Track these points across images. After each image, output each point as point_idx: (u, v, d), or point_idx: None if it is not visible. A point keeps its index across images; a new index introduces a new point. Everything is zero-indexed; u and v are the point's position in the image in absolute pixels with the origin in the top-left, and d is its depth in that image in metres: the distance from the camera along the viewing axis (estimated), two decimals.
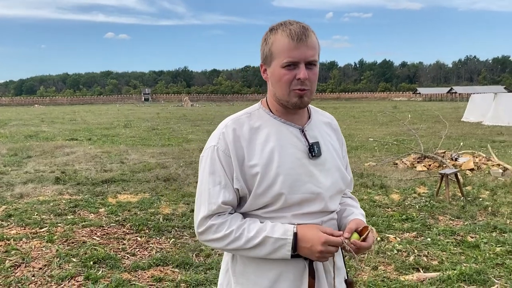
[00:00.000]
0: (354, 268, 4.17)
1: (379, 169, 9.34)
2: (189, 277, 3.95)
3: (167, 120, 28.81)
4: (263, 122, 1.50)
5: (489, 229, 5.29)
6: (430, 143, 11.79)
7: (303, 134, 1.50)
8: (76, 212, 6.10)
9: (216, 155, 1.44)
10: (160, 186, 7.75)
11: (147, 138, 16.90)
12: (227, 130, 1.46)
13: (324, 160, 1.51)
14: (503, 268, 4.15)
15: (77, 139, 16.34)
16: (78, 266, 4.21)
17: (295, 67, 1.40)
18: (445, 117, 21.46)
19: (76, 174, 8.84)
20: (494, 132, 17.59)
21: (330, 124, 1.66)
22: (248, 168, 1.42)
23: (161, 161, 10.64)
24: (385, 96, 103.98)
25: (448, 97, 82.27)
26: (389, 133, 17.69)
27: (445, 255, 4.50)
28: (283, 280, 1.45)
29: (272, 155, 1.43)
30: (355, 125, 22.41)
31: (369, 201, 6.64)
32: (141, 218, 5.78)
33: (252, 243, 1.40)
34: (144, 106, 69.42)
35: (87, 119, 30.66)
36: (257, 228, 1.41)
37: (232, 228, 1.41)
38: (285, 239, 1.38)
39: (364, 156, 11.32)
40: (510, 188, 7.34)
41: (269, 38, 1.44)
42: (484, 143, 13.29)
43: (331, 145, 1.58)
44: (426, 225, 5.50)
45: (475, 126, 20.43)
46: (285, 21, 1.44)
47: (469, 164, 9.12)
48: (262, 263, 1.46)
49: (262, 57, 1.48)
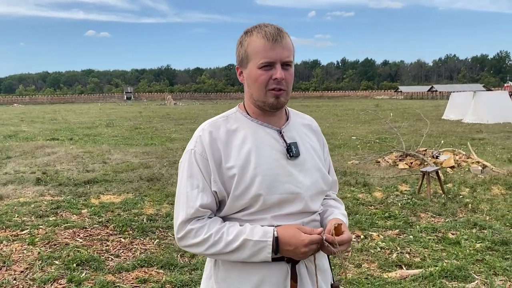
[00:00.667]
0: (338, 266, 4.21)
1: (362, 167, 9.44)
2: (174, 278, 3.94)
3: (150, 119, 28.57)
4: (240, 124, 1.50)
5: (469, 225, 5.40)
6: (412, 141, 11.96)
7: (280, 135, 1.50)
8: (58, 214, 6.02)
9: (194, 159, 1.44)
10: (143, 186, 7.70)
11: (129, 138, 16.74)
12: (203, 133, 1.47)
13: (303, 160, 1.51)
14: (483, 264, 4.24)
15: (58, 139, 16.09)
16: (60, 269, 4.15)
17: (271, 67, 1.41)
18: (426, 115, 21.79)
19: (58, 175, 8.71)
20: (474, 130, 17.93)
21: (310, 126, 1.66)
22: (225, 170, 1.42)
23: (144, 160, 10.56)
24: (367, 95, 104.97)
25: (429, 95, 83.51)
26: (371, 131, 17.88)
27: (427, 252, 4.58)
28: (266, 284, 1.44)
29: (249, 156, 1.43)
30: (338, 124, 22.57)
31: (353, 199, 6.71)
32: (124, 219, 5.73)
33: (231, 247, 1.39)
34: (127, 105, 68.72)
35: (68, 119, 30.21)
36: (236, 231, 1.40)
37: (210, 232, 1.40)
38: (265, 241, 1.37)
39: (347, 155, 11.42)
40: (489, 185, 7.50)
41: (245, 41, 1.45)
42: (464, 140, 13.53)
43: (310, 146, 1.58)
44: (408, 222, 5.59)
45: (455, 124, 20.78)
46: (260, 24, 1.46)
47: (449, 161, 9.29)
48: (245, 268, 1.45)
49: (238, 59, 1.49)
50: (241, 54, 1.46)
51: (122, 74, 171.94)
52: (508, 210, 6.02)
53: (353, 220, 5.63)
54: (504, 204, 6.36)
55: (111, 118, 29.55)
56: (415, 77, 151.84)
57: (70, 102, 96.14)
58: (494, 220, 5.63)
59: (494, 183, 7.62)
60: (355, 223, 5.51)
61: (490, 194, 6.94)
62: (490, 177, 8.06)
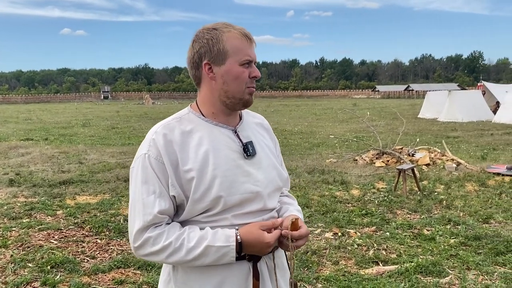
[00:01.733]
0: (316, 264, 4.24)
1: (339, 166, 9.53)
2: (151, 279, 3.90)
3: (127, 119, 28.23)
4: (195, 125, 1.46)
5: (444, 221, 5.51)
6: (388, 139, 12.12)
7: (236, 135, 1.50)
8: (32, 215, 5.88)
9: (148, 163, 1.38)
10: (120, 186, 7.59)
11: (106, 137, 16.51)
12: (157, 136, 1.41)
13: (260, 158, 1.51)
14: (457, 259, 4.33)
15: (33, 139, 15.74)
16: (34, 271, 4.06)
17: (249, 65, 1.44)
18: (402, 114, 22.16)
19: (32, 176, 8.52)
20: (449, 128, 18.30)
21: (262, 124, 1.67)
22: (183, 173, 1.38)
23: (121, 160, 10.42)
24: (345, 94, 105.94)
25: (405, 94, 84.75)
26: (349, 130, 18.07)
27: (403, 248, 4.65)
28: (227, 285, 1.42)
29: (206, 158, 1.40)
30: (316, 123, 22.74)
31: (330, 197, 6.77)
32: (101, 219, 5.64)
33: (193, 254, 1.35)
34: (104, 104, 67.69)
35: (43, 118, 29.57)
36: (197, 237, 1.36)
37: (170, 239, 1.36)
38: (228, 246, 1.36)
39: (326, 153, 11.51)
40: (463, 182, 7.67)
41: (221, 36, 1.42)
42: (439, 139, 13.80)
43: (264, 144, 1.58)
44: (385, 219, 5.66)
45: (430, 123, 21.18)
46: (225, 23, 1.46)
47: (425, 159, 9.47)
48: (205, 270, 1.42)
49: (208, 55, 1.43)
50: (215, 50, 1.42)
51: (99, 73, 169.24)
52: (481, 206, 6.17)
53: (330, 217, 5.68)
54: (477, 200, 6.51)
55: (88, 118, 29.08)
56: (392, 76, 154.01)
57: (46, 101, 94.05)
58: (468, 216, 5.76)
59: (467, 180, 7.80)
60: (332, 221, 5.56)
61: (464, 191, 7.09)
62: (464, 174, 8.24)
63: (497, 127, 17.99)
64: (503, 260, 4.26)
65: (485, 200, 6.52)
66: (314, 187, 7.41)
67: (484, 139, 14.32)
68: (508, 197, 6.65)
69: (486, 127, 18.36)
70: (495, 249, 4.50)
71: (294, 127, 20.23)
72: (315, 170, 8.87)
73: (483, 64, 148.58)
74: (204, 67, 1.45)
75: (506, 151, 11.35)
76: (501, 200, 6.49)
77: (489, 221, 5.54)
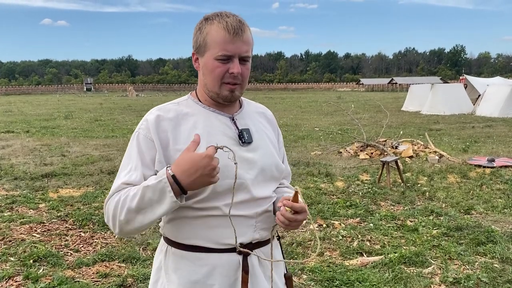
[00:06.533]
0: (301, 255, 4.27)
1: (324, 158, 9.58)
2: (136, 272, 3.88)
3: (111, 111, 27.88)
4: (192, 110, 1.48)
5: (426, 213, 5.60)
6: (372, 132, 12.23)
7: (233, 122, 1.49)
8: (14, 209, 5.79)
9: (136, 141, 1.43)
10: (104, 179, 7.51)
11: (89, 130, 16.29)
12: (150, 116, 1.45)
13: (256, 146, 1.50)
14: (439, 249, 4.41)
15: (14, 132, 15.45)
16: (16, 266, 4.01)
17: (228, 60, 1.39)
18: (386, 107, 22.34)
19: (13, 169, 8.37)
20: (431, 121, 18.53)
21: (265, 114, 1.65)
22: (174, 152, 1.39)
23: (105, 153, 10.31)
24: (330, 87, 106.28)
25: (389, 87, 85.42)
26: (334, 123, 18.16)
27: (387, 239, 4.71)
28: (216, 275, 1.42)
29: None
30: (301, 115, 22.79)
31: (315, 189, 6.80)
32: (84, 212, 5.58)
33: (135, 200, 1.30)
34: (87, 96, 66.71)
35: (24, 110, 29.02)
36: (138, 186, 1.34)
37: (119, 196, 1.35)
38: (160, 180, 1.27)
39: (311, 145, 11.56)
40: (445, 173, 7.79)
41: (204, 28, 1.42)
42: (422, 131, 13.97)
43: (264, 133, 1.57)
44: (369, 211, 5.72)
45: (414, 115, 21.41)
46: (221, 12, 1.42)
47: (408, 151, 9.58)
48: (196, 259, 1.43)
49: (195, 45, 1.46)
50: (199, 41, 1.43)
51: (82, 64, 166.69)
52: (463, 198, 6.28)
53: (315, 209, 5.71)
54: (459, 191, 6.63)
55: (70, 110, 28.63)
56: (376, 69, 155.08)
57: (27, 93, 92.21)
58: (450, 207, 5.86)
59: (450, 171, 7.92)
60: (317, 212, 5.59)
61: (446, 183, 7.21)
62: (446, 166, 8.37)
63: (478, 120, 18.28)
64: (484, 250, 4.35)
65: (466, 191, 6.64)
66: (299, 179, 7.44)
67: (465, 131, 14.55)
68: (489, 189, 6.78)
69: (468, 119, 18.64)
70: (476, 239, 4.59)
71: (279, 120, 20.22)
72: (300, 163, 8.91)
73: (465, 58, 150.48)
74: (192, 56, 1.50)
75: (487, 144, 11.55)
76: (482, 192, 6.61)
77: (470, 212, 5.64)
